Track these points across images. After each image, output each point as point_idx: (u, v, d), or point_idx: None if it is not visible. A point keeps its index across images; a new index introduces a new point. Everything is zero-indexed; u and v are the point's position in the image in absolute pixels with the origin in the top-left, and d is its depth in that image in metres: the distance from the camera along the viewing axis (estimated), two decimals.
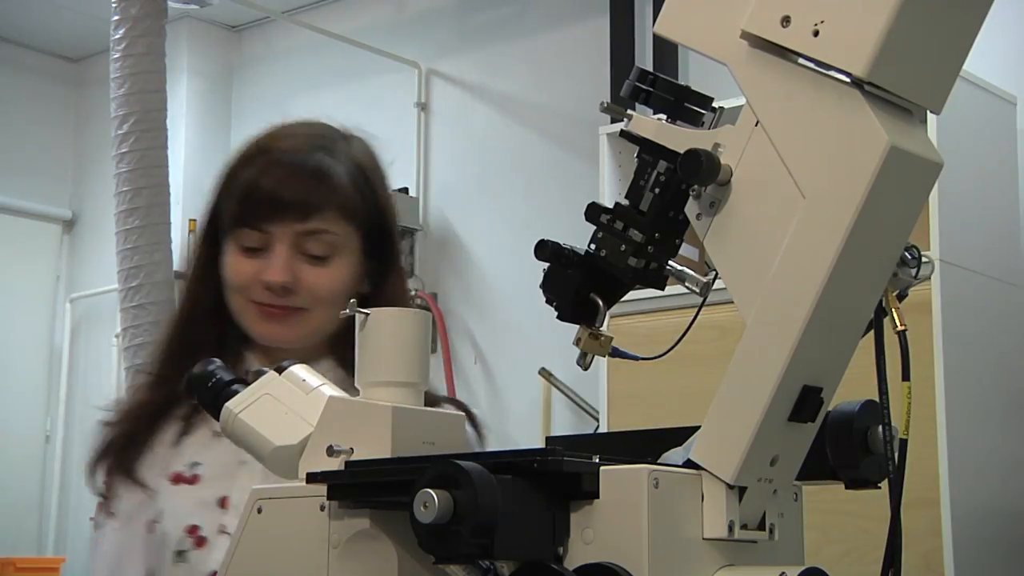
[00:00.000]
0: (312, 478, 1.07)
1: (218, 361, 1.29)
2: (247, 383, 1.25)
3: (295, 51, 5.29)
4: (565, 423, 4.29)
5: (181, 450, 1.57)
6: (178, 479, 1.56)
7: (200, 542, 1.51)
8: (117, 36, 3.84)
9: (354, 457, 1.09)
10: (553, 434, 4.20)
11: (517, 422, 4.45)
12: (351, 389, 1.34)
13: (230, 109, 5.50)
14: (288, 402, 1.19)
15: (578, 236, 1.14)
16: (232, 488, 1.54)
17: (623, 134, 1.09)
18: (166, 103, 3.88)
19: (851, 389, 1.07)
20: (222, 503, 1.53)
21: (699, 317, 1.16)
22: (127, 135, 3.77)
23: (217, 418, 1.23)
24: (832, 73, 0.97)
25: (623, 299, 1.14)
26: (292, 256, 1.54)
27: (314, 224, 1.55)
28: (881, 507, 1.06)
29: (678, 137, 1.05)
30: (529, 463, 0.94)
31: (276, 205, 1.54)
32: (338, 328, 1.57)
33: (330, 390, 1.21)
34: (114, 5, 3.87)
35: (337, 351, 1.59)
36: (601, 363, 3.37)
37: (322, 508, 1.08)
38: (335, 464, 1.08)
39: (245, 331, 1.59)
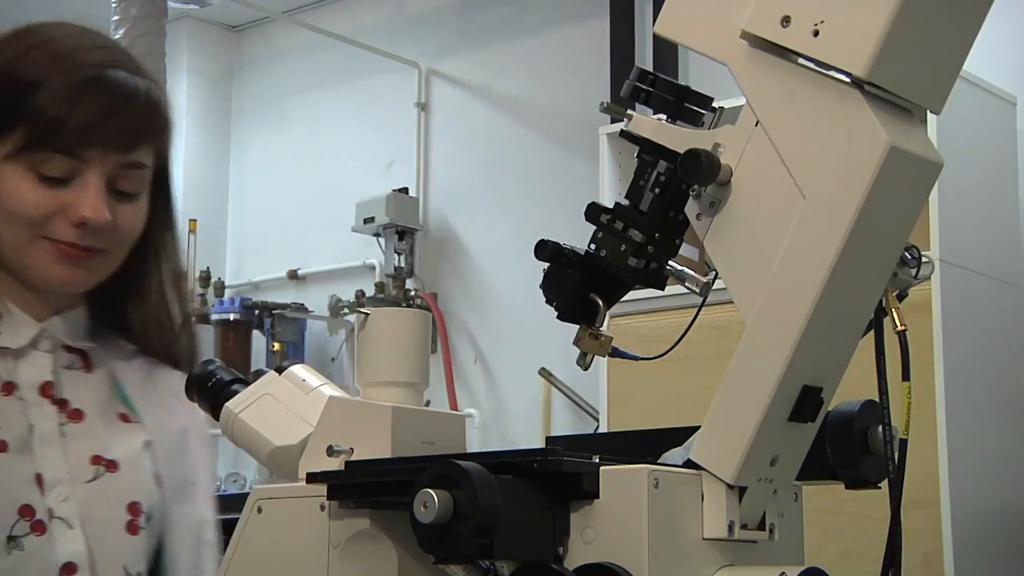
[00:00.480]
0: (312, 478, 1.07)
1: (218, 361, 1.29)
2: (247, 383, 1.25)
3: (295, 51, 5.29)
4: (565, 423, 4.29)
5: None
6: None
7: (38, 527, 1.28)
8: (117, 36, 3.83)
9: (354, 457, 1.09)
10: (553, 434, 4.20)
11: (517, 422, 4.45)
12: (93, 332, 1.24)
13: (230, 109, 5.50)
14: (288, 402, 1.19)
15: (578, 236, 1.14)
16: (42, 464, 1.32)
17: (623, 134, 1.09)
18: None
19: (851, 389, 1.07)
20: (38, 481, 1.31)
21: (699, 317, 1.16)
22: None
23: (217, 418, 1.23)
24: (832, 73, 0.97)
25: (622, 299, 1.14)
26: (103, 191, 1.31)
27: (135, 156, 1.33)
28: (881, 507, 1.06)
29: (678, 137, 1.05)
30: (529, 463, 0.94)
31: (102, 130, 1.29)
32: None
33: (330, 390, 1.21)
34: (114, 5, 3.87)
35: (92, 299, 1.41)
36: (601, 363, 3.37)
37: (322, 508, 1.08)
38: (335, 464, 1.08)
39: (17, 270, 1.34)
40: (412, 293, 4.72)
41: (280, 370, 1.23)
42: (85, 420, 1.37)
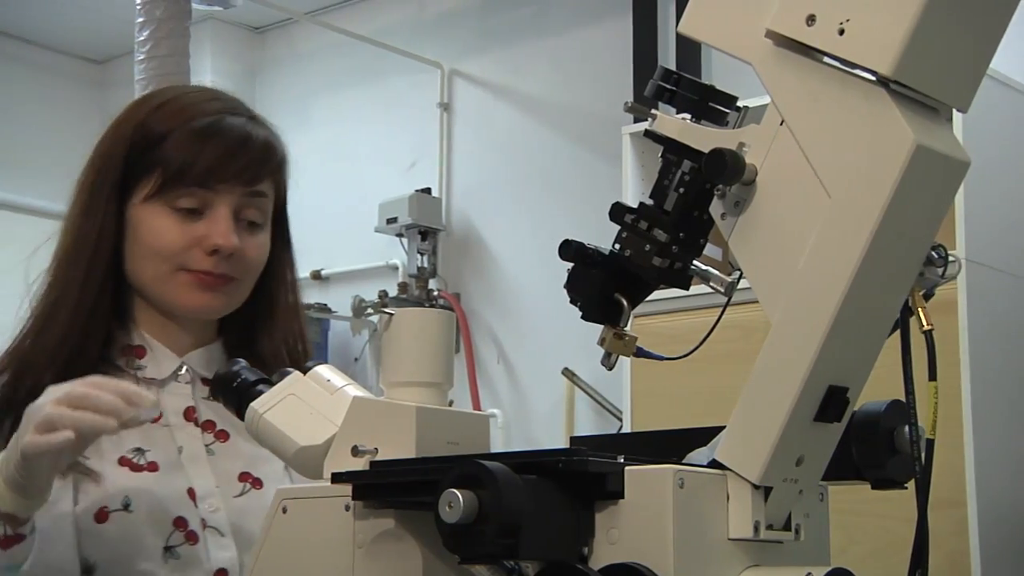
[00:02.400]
0: (337, 478, 1.07)
1: (243, 361, 1.30)
2: (272, 383, 1.25)
3: (318, 52, 5.31)
4: (588, 423, 4.28)
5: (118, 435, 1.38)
6: (132, 465, 1.42)
7: (192, 537, 1.41)
8: (142, 38, 3.86)
9: (379, 457, 1.09)
10: (576, 434, 4.20)
11: (540, 422, 4.45)
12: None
13: (254, 110, 5.50)
14: (313, 402, 1.19)
15: (601, 236, 1.14)
16: (194, 479, 1.44)
17: (647, 134, 1.09)
18: None
19: (877, 389, 1.06)
20: (190, 494, 1.43)
21: (723, 317, 1.16)
22: None
23: (242, 418, 1.24)
24: (858, 72, 0.97)
25: (645, 299, 1.13)
26: (231, 220, 1.47)
27: (258, 187, 1.50)
28: (905, 508, 1.05)
29: (703, 136, 1.05)
30: (554, 463, 0.94)
31: (228, 166, 1.46)
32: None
33: (355, 390, 1.21)
34: (138, 7, 3.90)
35: (225, 334, 1.54)
36: (625, 363, 3.37)
37: (347, 508, 1.08)
38: (360, 464, 1.09)
39: (160, 301, 1.48)
40: (435, 293, 4.73)
41: (305, 370, 1.23)
42: (231, 440, 1.49)
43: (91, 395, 1.22)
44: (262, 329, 1.55)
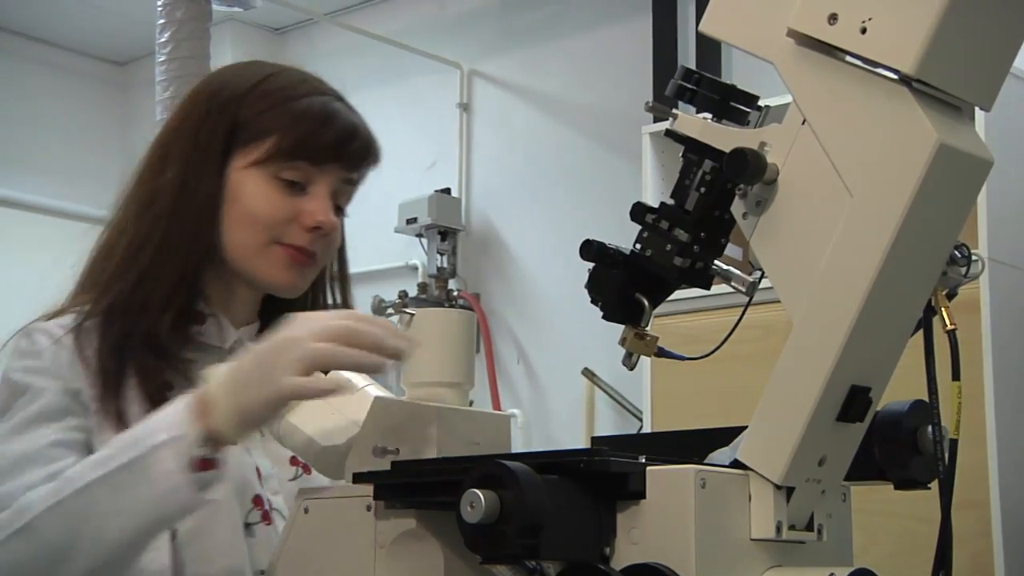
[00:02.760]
0: (359, 478, 1.07)
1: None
2: None
3: (338, 52, 5.32)
4: (608, 423, 4.28)
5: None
6: None
7: (266, 517, 1.37)
8: (162, 39, 3.87)
9: (400, 457, 1.09)
10: (596, 434, 4.19)
11: (560, 422, 4.44)
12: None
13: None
14: (334, 403, 1.19)
15: (620, 236, 1.14)
16: (257, 459, 1.40)
17: (669, 133, 1.09)
18: None
19: (900, 389, 1.06)
20: (258, 473, 1.39)
21: (744, 316, 1.16)
22: None
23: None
24: (880, 71, 0.97)
25: (666, 299, 1.13)
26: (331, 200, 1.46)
27: (354, 174, 1.49)
28: (928, 508, 1.05)
29: (724, 136, 1.05)
30: (576, 463, 0.94)
31: (343, 145, 1.45)
32: None
33: (376, 391, 1.21)
34: (159, 9, 3.91)
35: (264, 317, 1.49)
36: (645, 363, 3.36)
37: (368, 508, 1.08)
38: (381, 464, 1.09)
39: (245, 270, 1.44)
40: (455, 293, 4.73)
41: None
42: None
43: (362, 331, 1.14)
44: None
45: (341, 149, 1.45)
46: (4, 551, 1.16)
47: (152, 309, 1.39)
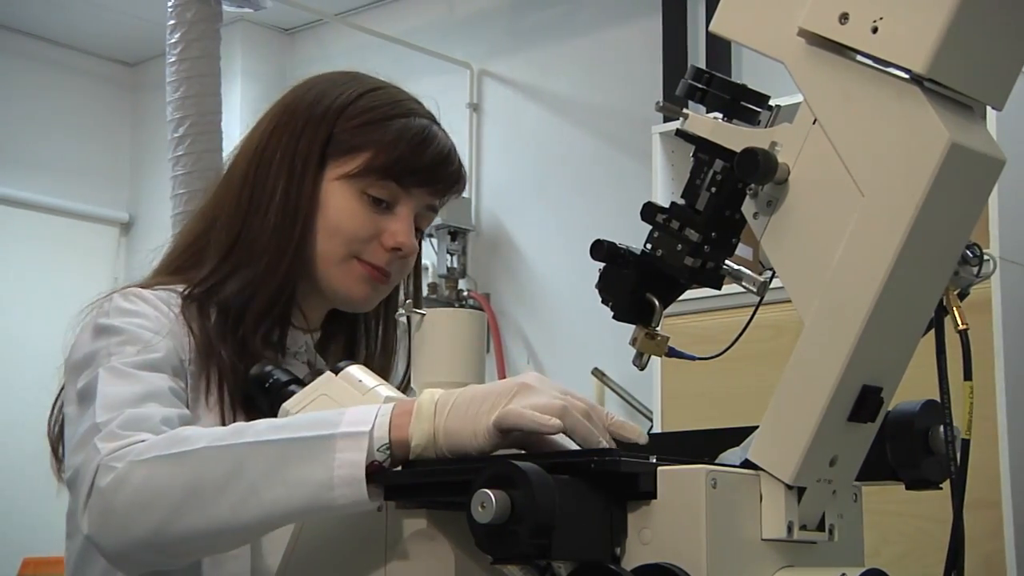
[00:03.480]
0: (370, 478, 1.07)
1: (274, 362, 1.30)
2: (303, 384, 1.25)
3: (348, 53, 5.32)
4: None
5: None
6: None
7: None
8: (172, 40, 3.88)
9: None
10: None
11: None
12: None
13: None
14: (345, 402, 1.19)
15: (630, 236, 1.14)
16: None
17: (679, 133, 1.09)
18: (221, 106, 3.92)
19: (911, 389, 1.06)
20: None
21: (755, 316, 1.15)
22: (183, 138, 3.81)
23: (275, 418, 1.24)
24: (891, 70, 0.96)
25: (677, 299, 1.13)
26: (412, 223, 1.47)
27: (437, 201, 1.50)
28: (939, 508, 1.04)
29: (735, 136, 1.05)
30: (586, 463, 0.94)
31: (435, 171, 1.46)
32: None
33: (386, 391, 1.21)
34: (170, 10, 3.91)
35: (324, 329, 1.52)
36: (655, 364, 3.35)
37: (380, 508, 1.08)
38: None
39: (321, 280, 1.45)
40: (465, 294, 4.73)
41: (336, 371, 1.24)
42: None
43: (600, 412, 1.09)
44: (359, 338, 1.53)
45: (432, 175, 1.46)
46: (157, 468, 1.13)
47: (252, 315, 1.40)
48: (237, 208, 1.46)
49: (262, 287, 1.41)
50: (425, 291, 4.74)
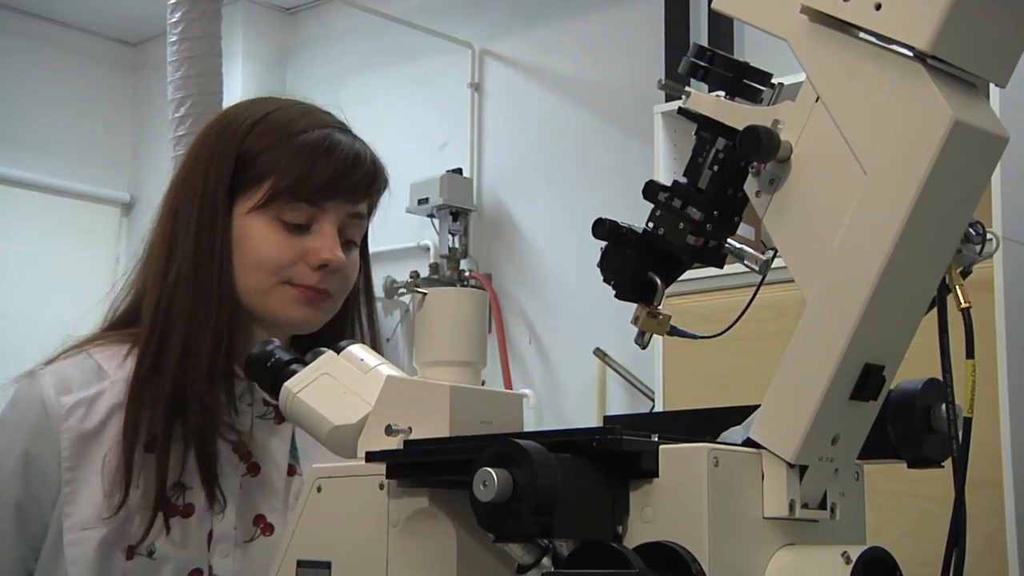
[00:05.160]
0: (371, 457, 1.07)
1: (276, 341, 1.30)
2: (305, 363, 1.25)
3: (349, 33, 5.31)
4: (620, 403, 4.28)
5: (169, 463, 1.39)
6: (170, 507, 1.39)
7: None
8: (173, 19, 3.87)
9: (412, 436, 1.09)
10: (608, 414, 4.20)
11: (572, 402, 4.45)
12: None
13: (285, 91, 5.51)
14: (347, 382, 1.20)
15: (632, 216, 1.14)
16: (216, 524, 1.40)
17: (681, 111, 1.08)
18: (222, 86, 3.91)
19: (913, 367, 1.06)
20: (208, 537, 1.40)
21: (756, 296, 1.15)
22: (184, 118, 3.80)
23: (276, 398, 1.24)
24: (894, 47, 0.96)
25: (678, 279, 1.13)
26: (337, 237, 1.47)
27: (360, 207, 1.50)
28: (941, 487, 1.04)
29: (737, 114, 1.04)
30: (588, 442, 0.94)
31: (343, 182, 1.45)
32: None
33: (388, 369, 1.21)
34: None
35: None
36: (657, 343, 3.36)
37: (381, 487, 1.08)
38: (394, 443, 1.09)
39: (261, 313, 1.46)
40: (466, 274, 4.73)
41: (338, 350, 1.24)
42: (261, 474, 1.46)
43: None
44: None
45: (339, 185, 1.45)
46: None
47: (197, 377, 1.39)
48: (161, 258, 1.45)
49: (194, 350, 1.40)
50: (426, 271, 4.75)
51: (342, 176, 1.45)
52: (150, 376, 1.40)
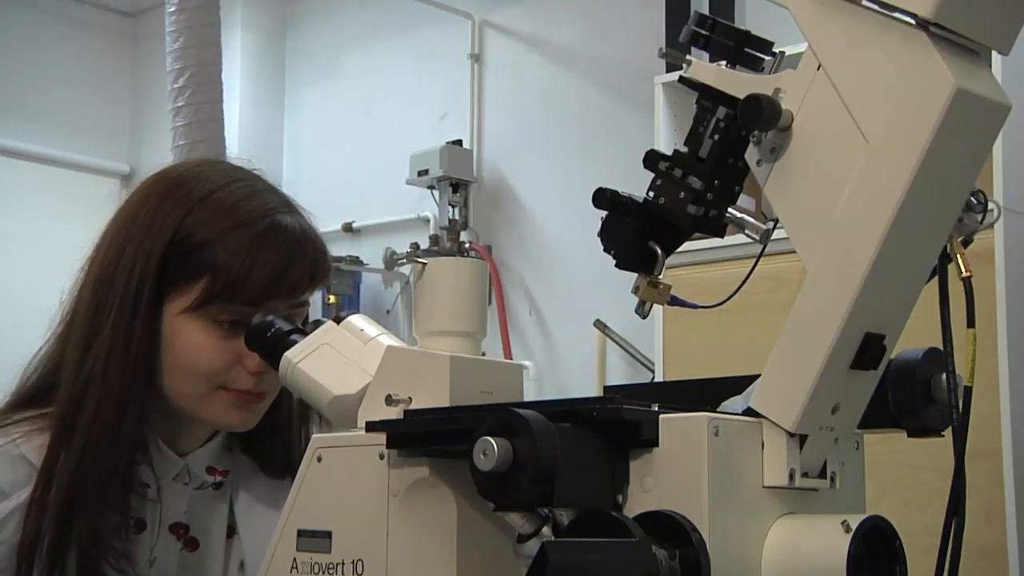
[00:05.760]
0: (371, 427, 1.07)
1: (277, 312, 1.30)
2: (306, 333, 1.25)
3: (348, 3, 5.28)
4: (620, 374, 4.28)
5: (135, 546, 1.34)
6: None
7: None
8: None
9: (413, 406, 1.09)
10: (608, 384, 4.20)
11: (572, 374, 4.45)
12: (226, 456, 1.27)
13: (284, 62, 5.50)
14: (347, 352, 1.20)
15: (632, 186, 1.13)
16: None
17: (683, 80, 1.08)
18: (221, 56, 3.89)
19: (914, 337, 1.06)
20: None
21: (756, 267, 1.15)
22: (183, 89, 3.78)
23: (276, 368, 1.24)
24: (897, 15, 0.95)
25: (677, 250, 1.13)
26: None
27: (302, 298, 1.39)
28: (940, 457, 1.04)
29: (738, 82, 1.04)
30: (588, 411, 0.94)
31: (282, 280, 1.34)
32: None
33: (388, 340, 1.21)
34: None
35: (241, 438, 1.47)
36: (657, 314, 3.36)
37: (381, 457, 1.08)
38: (394, 413, 1.09)
39: (193, 416, 1.38)
40: (466, 245, 4.72)
41: (338, 320, 1.24)
42: (199, 550, 1.43)
43: None
44: (267, 426, 1.45)
45: (279, 284, 1.34)
46: None
47: (92, 489, 1.29)
48: (74, 358, 1.35)
49: (90, 458, 1.30)
50: (427, 243, 4.74)
51: (282, 273, 1.34)
52: (50, 480, 1.30)
